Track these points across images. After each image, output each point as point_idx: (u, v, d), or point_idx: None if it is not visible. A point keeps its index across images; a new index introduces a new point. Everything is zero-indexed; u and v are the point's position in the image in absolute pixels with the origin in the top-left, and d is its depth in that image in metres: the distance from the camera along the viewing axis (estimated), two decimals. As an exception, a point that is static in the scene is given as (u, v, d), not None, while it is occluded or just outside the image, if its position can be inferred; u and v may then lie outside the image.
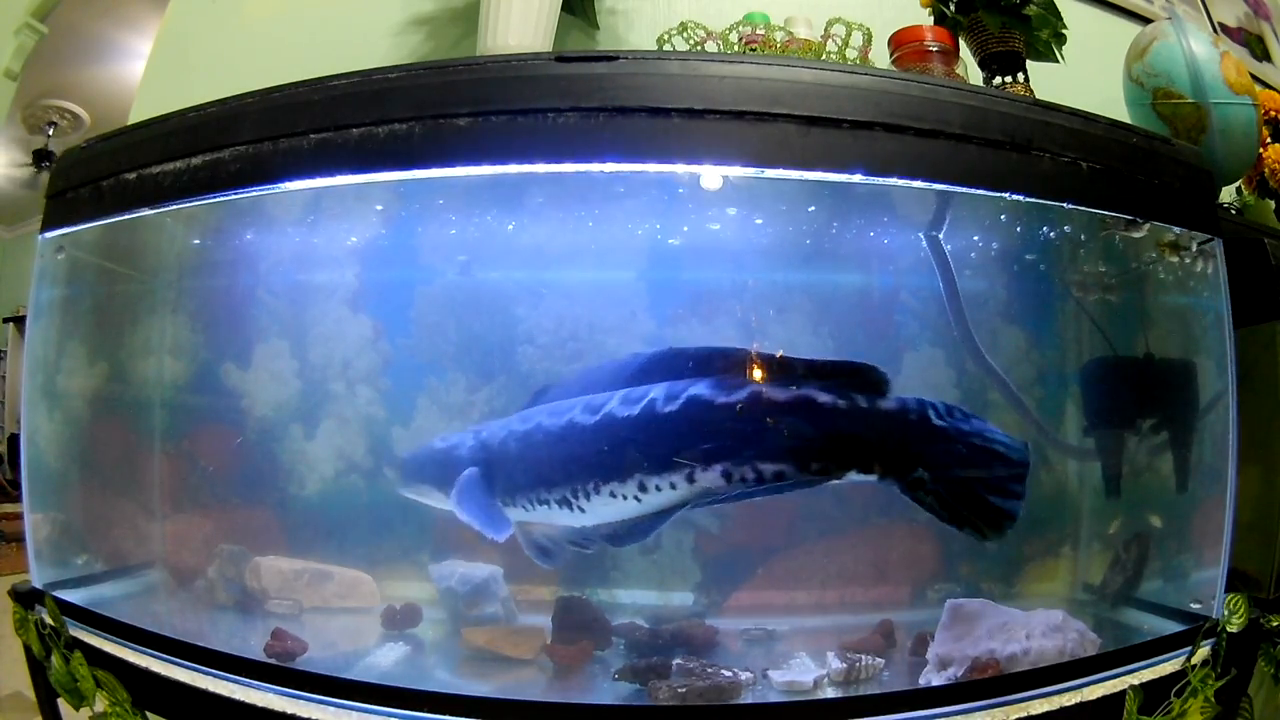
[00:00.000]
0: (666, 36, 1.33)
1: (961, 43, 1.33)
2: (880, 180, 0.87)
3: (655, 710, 0.85)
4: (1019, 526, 1.16)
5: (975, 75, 1.37)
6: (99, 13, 3.26)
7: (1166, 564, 1.11)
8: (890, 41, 1.28)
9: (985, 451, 0.85)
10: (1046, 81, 1.35)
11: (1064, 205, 0.96)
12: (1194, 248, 1.03)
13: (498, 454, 0.92)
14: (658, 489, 0.84)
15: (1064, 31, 1.37)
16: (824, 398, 0.82)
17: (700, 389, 0.83)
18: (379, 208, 1.13)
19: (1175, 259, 1.07)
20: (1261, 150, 1.46)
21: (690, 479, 0.83)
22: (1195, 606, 1.01)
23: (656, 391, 0.85)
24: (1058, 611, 0.94)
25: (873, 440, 0.84)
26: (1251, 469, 1.02)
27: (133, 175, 0.98)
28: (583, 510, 0.88)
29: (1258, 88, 1.34)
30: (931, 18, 1.38)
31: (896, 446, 0.83)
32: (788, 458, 0.82)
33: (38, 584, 1.05)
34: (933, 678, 0.90)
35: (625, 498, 0.85)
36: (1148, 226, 1.00)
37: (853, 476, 0.85)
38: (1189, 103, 1.25)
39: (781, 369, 0.86)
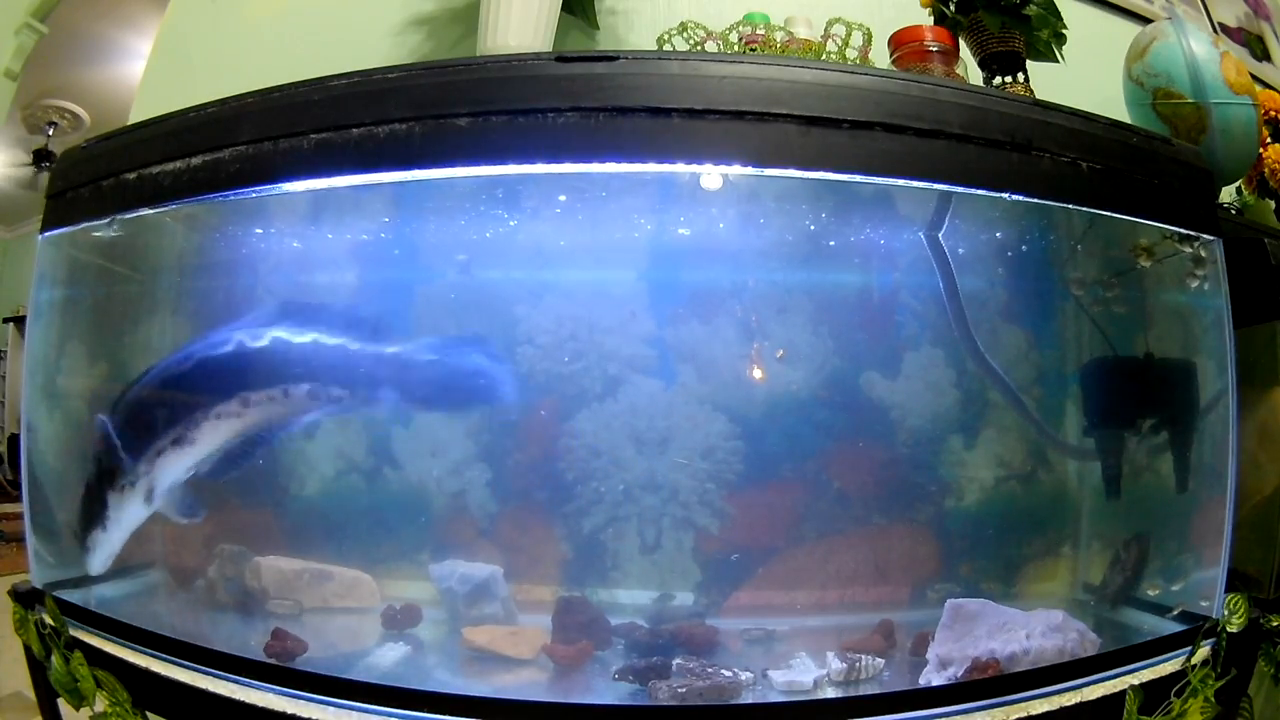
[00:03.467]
0: (666, 36, 1.33)
1: (961, 43, 1.33)
2: (880, 180, 0.87)
3: (655, 710, 0.85)
4: (1019, 526, 1.16)
5: (975, 75, 1.37)
6: (99, 13, 3.25)
7: (1166, 564, 1.11)
8: (890, 41, 1.28)
9: None
10: (1046, 81, 1.35)
11: (1064, 205, 0.96)
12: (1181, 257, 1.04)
13: (122, 420, 1.05)
14: (256, 402, 1.02)
15: (1064, 31, 1.37)
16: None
17: (279, 330, 1.03)
18: (379, 207, 1.13)
19: (1148, 264, 1.07)
20: (1261, 150, 1.46)
21: (285, 393, 1.01)
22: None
23: (241, 335, 1.03)
24: (1058, 611, 0.94)
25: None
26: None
27: (133, 175, 0.98)
28: (194, 442, 1.01)
29: (1258, 88, 1.34)
30: (931, 18, 1.38)
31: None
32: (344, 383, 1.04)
33: (38, 584, 1.05)
34: (933, 678, 0.90)
35: (230, 415, 1.01)
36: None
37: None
38: (1189, 103, 1.25)
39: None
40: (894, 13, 1.39)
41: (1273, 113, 1.50)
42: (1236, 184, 1.55)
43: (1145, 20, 1.84)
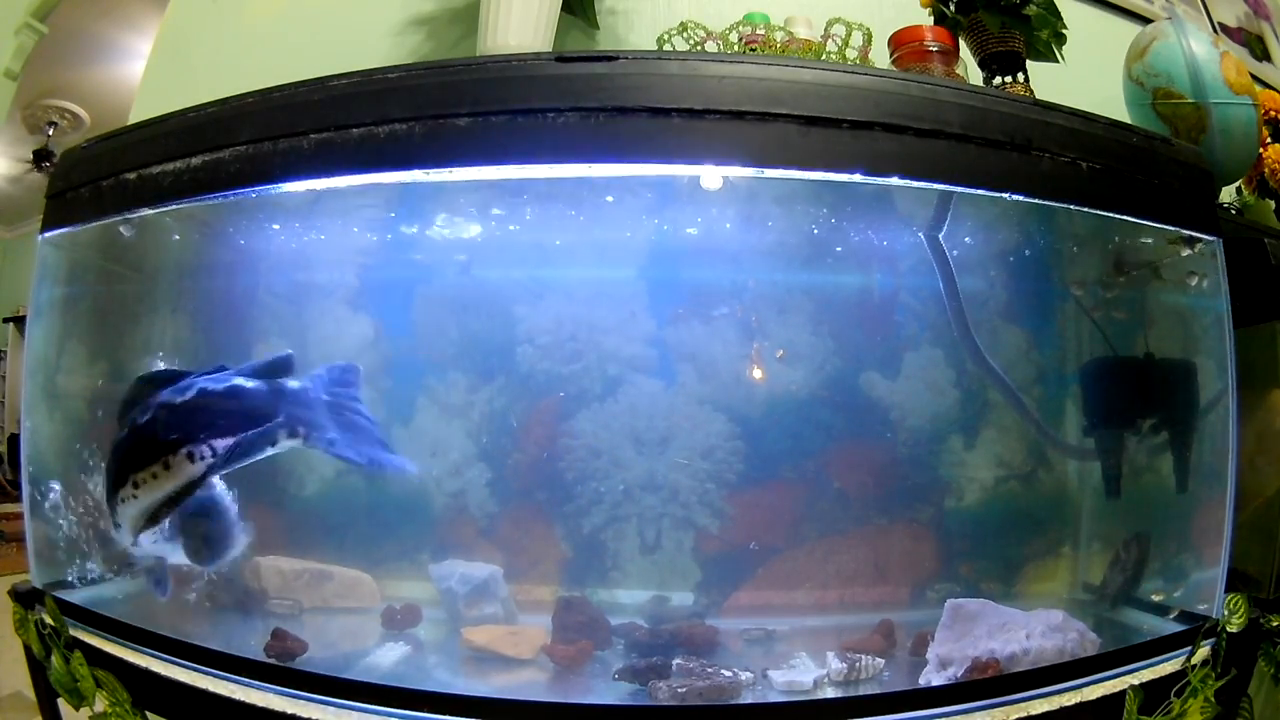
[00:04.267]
0: (666, 36, 1.33)
1: (961, 43, 1.33)
2: (880, 180, 0.87)
3: (655, 710, 0.85)
4: (1019, 526, 1.17)
5: (975, 75, 1.37)
6: (99, 13, 3.26)
7: (1166, 564, 1.11)
8: (890, 41, 1.28)
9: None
10: (1046, 81, 1.35)
11: (1064, 205, 0.96)
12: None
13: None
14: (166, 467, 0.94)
15: (1064, 31, 1.37)
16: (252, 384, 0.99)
17: (166, 395, 0.97)
18: (380, 207, 1.13)
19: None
20: (1261, 150, 1.46)
21: (166, 465, 0.93)
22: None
23: (138, 413, 0.98)
24: (1058, 611, 0.94)
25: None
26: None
27: (133, 175, 0.98)
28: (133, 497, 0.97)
29: (1258, 88, 1.34)
30: (931, 18, 1.38)
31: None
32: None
33: (38, 584, 1.05)
34: (933, 678, 0.90)
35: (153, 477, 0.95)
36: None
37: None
38: (1189, 103, 1.25)
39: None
40: (894, 13, 1.39)
41: (1273, 113, 1.50)
42: (1236, 184, 1.55)
43: (1145, 20, 1.84)
